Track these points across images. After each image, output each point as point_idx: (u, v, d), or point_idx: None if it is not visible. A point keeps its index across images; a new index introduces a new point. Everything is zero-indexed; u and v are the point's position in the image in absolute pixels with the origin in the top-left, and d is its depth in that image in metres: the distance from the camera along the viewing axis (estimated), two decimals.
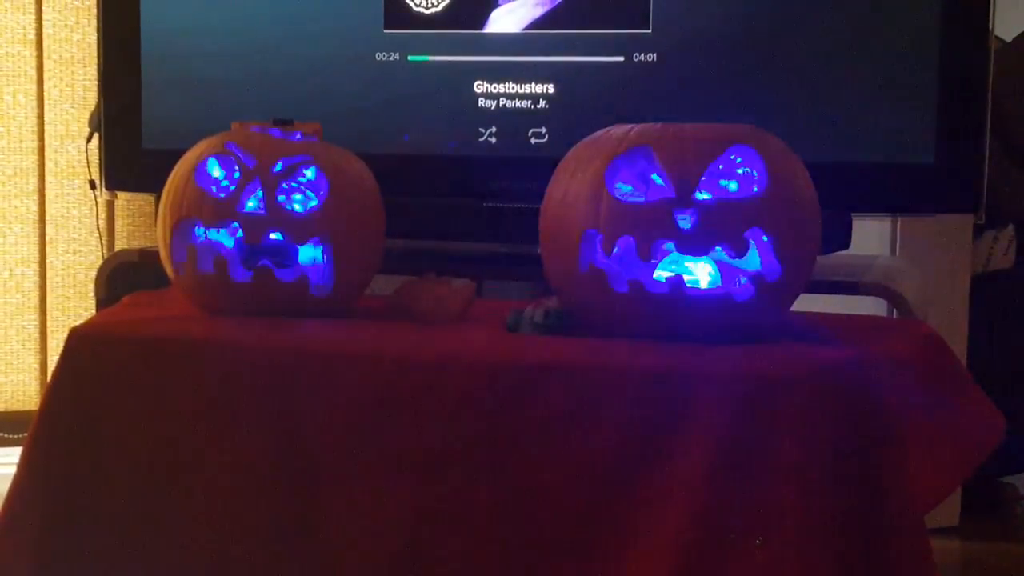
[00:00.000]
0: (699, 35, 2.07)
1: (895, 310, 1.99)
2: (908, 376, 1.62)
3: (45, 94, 3.24)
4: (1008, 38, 3.17)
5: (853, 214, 2.05)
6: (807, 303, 1.75)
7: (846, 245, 2.06)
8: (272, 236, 1.76)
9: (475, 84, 2.14)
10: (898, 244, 2.79)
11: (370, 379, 1.62)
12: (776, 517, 1.45)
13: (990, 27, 1.96)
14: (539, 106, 2.12)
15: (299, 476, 1.63)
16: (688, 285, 1.60)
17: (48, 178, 3.25)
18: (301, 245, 1.77)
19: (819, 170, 1.70)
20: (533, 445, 1.56)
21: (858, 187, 2.02)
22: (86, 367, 1.72)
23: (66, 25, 3.24)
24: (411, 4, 2.15)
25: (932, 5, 1.97)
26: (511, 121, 2.13)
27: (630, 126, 1.67)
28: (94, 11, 2.33)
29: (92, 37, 3.11)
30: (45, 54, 3.23)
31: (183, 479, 1.67)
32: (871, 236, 2.69)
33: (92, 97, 3.18)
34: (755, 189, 1.61)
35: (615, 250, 1.61)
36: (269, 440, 1.64)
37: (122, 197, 2.41)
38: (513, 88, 2.12)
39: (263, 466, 1.64)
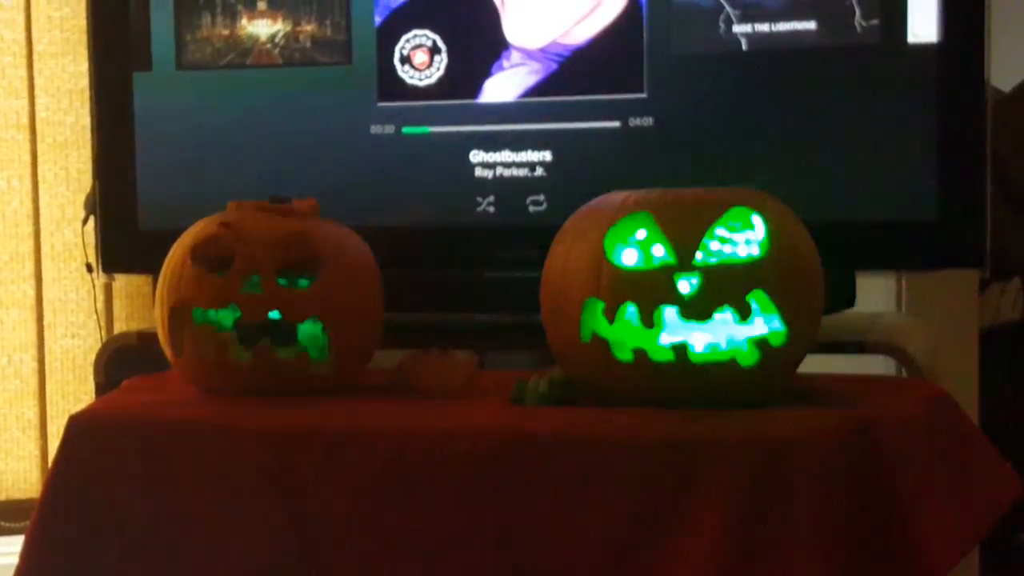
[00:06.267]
0: (695, 97, 2.06)
1: (903, 368, 1.97)
2: (918, 437, 1.60)
3: (40, 178, 3.23)
4: (1007, 88, 3.17)
5: (857, 272, 2.04)
6: (813, 364, 1.73)
7: (851, 303, 2.04)
8: (270, 315, 1.74)
9: (471, 154, 2.13)
10: (904, 300, 2.77)
11: (374, 456, 1.61)
12: None
13: (987, 80, 1.95)
14: (536, 174, 2.11)
15: (304, 557, 1.61)
16: (692, 351, 1.58)
17: (45, 262, 3.24)
18: (300, 323, 1.75)
19: (821, 229, 1.68)
20: (542, 518, 1.54)
21: (861, 245, 2.00)
22: (86, 455, 1.70)
23: (59, 108, 3.24)
24: (404, 76, 2.15)
25: (928, 61, 1.96)
26: (509, 190, 2.12)
27: (628, 192, 1.66)
28: (87, 94, 2.32)
29: (86, 119, 3.10)
30: (39, 138, 3.23)
31: (186, 564, 1.65)
32: (877, 292, 2.67)
33: (87, 180, 3.17)
34: (756, 251, 1.59)
35: (617, 318, 1.60)
36: (273, 522, 1.62)
37: (120, 279, 2.39)
38: (510, 157, 2.11)
39: (267, 549, 1.62)
